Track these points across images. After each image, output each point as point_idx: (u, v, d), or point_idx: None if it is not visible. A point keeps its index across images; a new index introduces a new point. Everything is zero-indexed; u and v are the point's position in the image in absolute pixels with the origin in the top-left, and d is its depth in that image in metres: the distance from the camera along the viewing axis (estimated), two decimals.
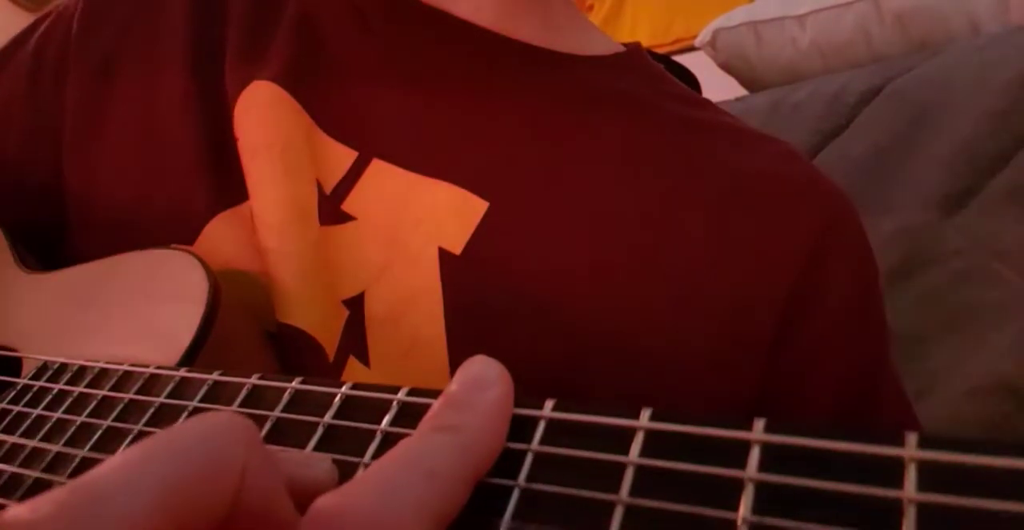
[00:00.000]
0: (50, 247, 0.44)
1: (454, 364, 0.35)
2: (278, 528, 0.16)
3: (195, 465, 0.15)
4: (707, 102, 0.47)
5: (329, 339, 0.36)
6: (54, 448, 0.26)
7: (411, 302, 0.37)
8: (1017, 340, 0.62)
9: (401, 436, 0.20)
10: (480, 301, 0.36)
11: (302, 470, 0.19)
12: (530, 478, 0.18)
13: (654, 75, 0.47)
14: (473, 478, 0.18)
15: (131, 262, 0.37)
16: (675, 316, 0.37)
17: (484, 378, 0.20)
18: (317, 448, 0.21)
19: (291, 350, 0.36)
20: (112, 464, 0.15)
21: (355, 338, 0.37)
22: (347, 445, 0.21)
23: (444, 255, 0.37)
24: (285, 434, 0.22)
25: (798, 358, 0.39)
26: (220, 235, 0.39)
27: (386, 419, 0.21)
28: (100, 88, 0.45)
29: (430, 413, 0.19)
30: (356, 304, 0.37)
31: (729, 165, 0.41)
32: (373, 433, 0.21)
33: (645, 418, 0.18)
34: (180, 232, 0.39)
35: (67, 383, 0.29)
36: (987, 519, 0.14)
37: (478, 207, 0.38)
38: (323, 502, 0.16)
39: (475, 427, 0.18)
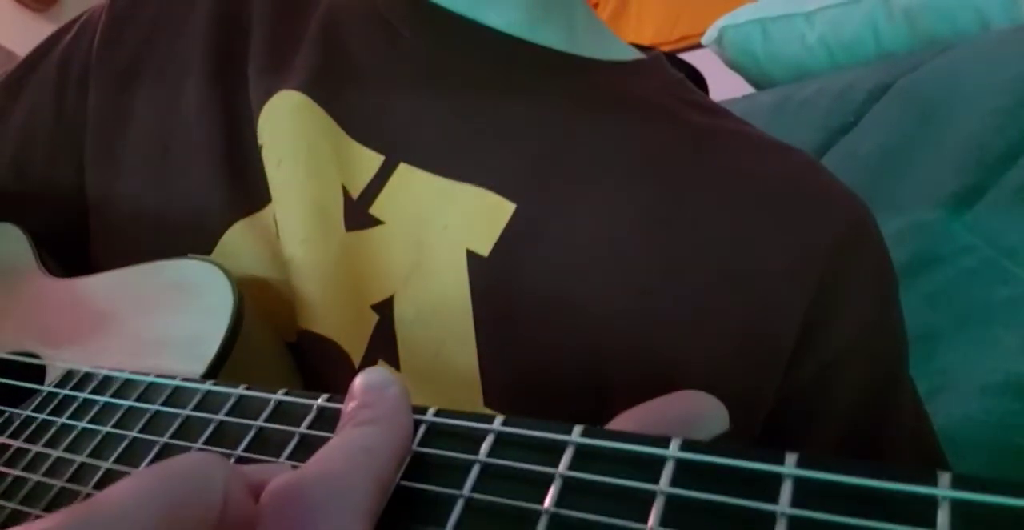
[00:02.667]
0: (72, 255, 0.45)
1: (484, 365, 0.36)
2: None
3: (187, 490, 0.18)
4: (726, 111, 0.47)
5: (356, 345, 0.36)
6: (79, 458, 0.26)
7: (440, 304, 0.37)
8: None
9: None
10: (508, 302, 0.37)
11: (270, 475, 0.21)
12: (558, 503, 0.18)
13: (674, 83, 0.47)
14: (400, 455, 0.21)
15: (156, 272, 0.37)
16: (697, 321, 0.37)
17: (381, 381, 0.23)
18: None
19: (314, 357, 0.36)
20: (115, 492, 0.17)
21: (384, 342, 0.37)
22: None
23: (472, 257, 0.37)
24: (311, 448, 0.22)
25: (816, 369, 0.38)
26: (239, 242, 0.39)
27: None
28: (121, 97, 0.46)
29: (344, 416, 0.22)
30: (385, 308, 0.37)
31: (753, 173, 0.41)
32: None
33: (675, 447, 0.18)
34: (199, 240, 0.39)
35: (92, 392, 0.29)
36: None
37: (505, 209, 0.38)
38: (279, 480, 0.19)
39: (388, 417, 0.21)
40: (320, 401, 0.24)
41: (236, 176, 0.41)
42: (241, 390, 0.25)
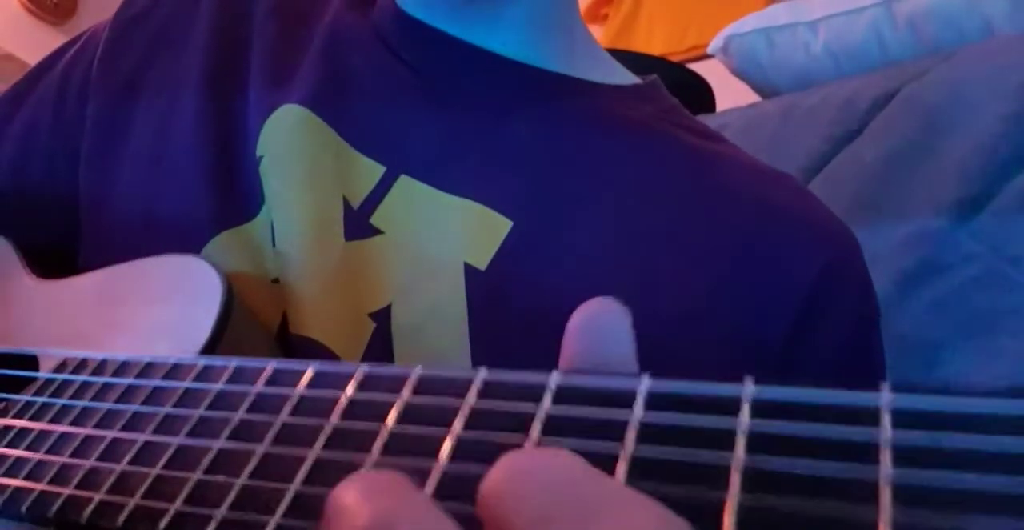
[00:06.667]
0: (61, 262, 0.45)
1: None
2: None
3: None
4: (720, 135, 0.48)
5: (351, 352, 0.37)
6: (84, 431, 0.26)
7: (437, 315, 0.37)
8: None
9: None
10: (503, 316, 0.37)
11: None
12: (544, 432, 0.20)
13: (671, 108, 0.48)
14: None
15: (144, 267, 0.38)
16: (689, 338, 0.37)
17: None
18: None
19: None
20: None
21: (381, 350, 0.37)
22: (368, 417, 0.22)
23: (470, 270, 0.38)
24: (307, 409, 0.23)
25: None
26: (222, 252, 0.40)
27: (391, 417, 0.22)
28: (119, 107, 0.47)
29: None
30: (382, 316, 0.38)
31: (748, 197, 0.42)
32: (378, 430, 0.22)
33: (646, 380, 0.20)
34: (184, 248, 0.40)
35: (90, 375, 0.30)
36: (954, 454, 0.15)
37: (502, 225, 0.39)
38: None
39: None
40: (314, 366, 0.24)
41: (225, 187, 0.41)
42: (236, 361, 0.26)
